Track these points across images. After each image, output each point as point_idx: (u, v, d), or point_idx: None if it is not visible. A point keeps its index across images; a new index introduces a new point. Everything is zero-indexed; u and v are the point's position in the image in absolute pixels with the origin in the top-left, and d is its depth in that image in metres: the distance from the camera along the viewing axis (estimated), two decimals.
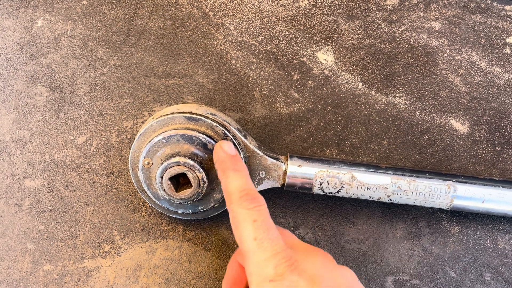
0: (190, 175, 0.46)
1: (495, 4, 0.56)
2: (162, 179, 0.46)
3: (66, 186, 0.55)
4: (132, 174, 0.50)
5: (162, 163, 0.46)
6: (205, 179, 0.47)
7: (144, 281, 0.54)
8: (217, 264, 0.55)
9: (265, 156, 0.49)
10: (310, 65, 0.55)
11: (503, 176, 0.55)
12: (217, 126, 0.47)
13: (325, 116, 0.55)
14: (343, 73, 0.55)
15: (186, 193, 0.47)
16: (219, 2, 0.56)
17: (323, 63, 0.55)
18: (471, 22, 0.56)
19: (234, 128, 0.49)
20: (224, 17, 0.56)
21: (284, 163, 0.49)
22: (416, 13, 0.56)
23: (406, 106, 0.55)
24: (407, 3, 0.56)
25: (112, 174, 0.55)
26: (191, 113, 0.48)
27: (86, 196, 0.55)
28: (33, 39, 0.56)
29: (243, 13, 0.56)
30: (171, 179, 0.47)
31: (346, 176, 0.48)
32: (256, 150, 0.49)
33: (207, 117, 0.48)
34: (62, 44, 0.55)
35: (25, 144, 0.55)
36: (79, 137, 0.55)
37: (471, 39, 0.56)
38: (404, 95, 0.55)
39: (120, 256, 0.54)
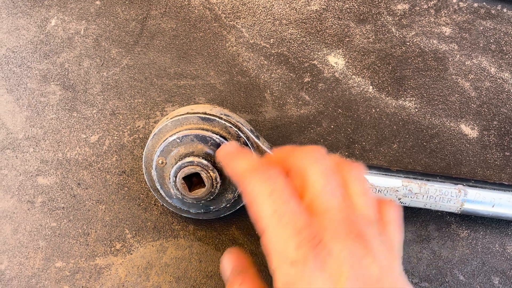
0: (203, 175, 0.46)
1: (505, 10, 0.56)
2: (176, 178, 0.47)
3: (79, 184, 0.55)
4: (145, 173, 0.50)
5: (176, 162, 0.47)
6: (218, 179, 0.47)
7: (155, 279, 0.54)
8: None
9: None
10: (321, 68, 0.56)
11: None
12: (230, 127, 0.48)
13: (336, 118, 0.56)
14: (353, 76, 0.56)
15: (200, 192, 0.47)
16: (231, 4, 0.56)
17: (334, 66, 0.56)
18: (481, 28, 0.56)
19: (247, 129, 0.49)
20: (236, 20, 0.56)
21: None
22: (426, 18, 0.56)
23: (416, 110, 0.56)
24: (418, 8, 0.56)
25: (124, 172, 0.55)
26: (205, 113, 0.48)
27: (98, 194, 0.55)
28: (47, 38, 0.56)
29: (255, 16, 0.56)
30: (184, 178, 0.47)
31: None
32: (269, 151, 0.49)
33: (221, 118, 0.48)
34: (75, 43, 0.56)
35: (38, 142, 0.55)
36: (91, 135, 0.55)
37: (481, 45, 0.56)
38: (414, 99, 0.56)
39: (131, 254, 0.55)
